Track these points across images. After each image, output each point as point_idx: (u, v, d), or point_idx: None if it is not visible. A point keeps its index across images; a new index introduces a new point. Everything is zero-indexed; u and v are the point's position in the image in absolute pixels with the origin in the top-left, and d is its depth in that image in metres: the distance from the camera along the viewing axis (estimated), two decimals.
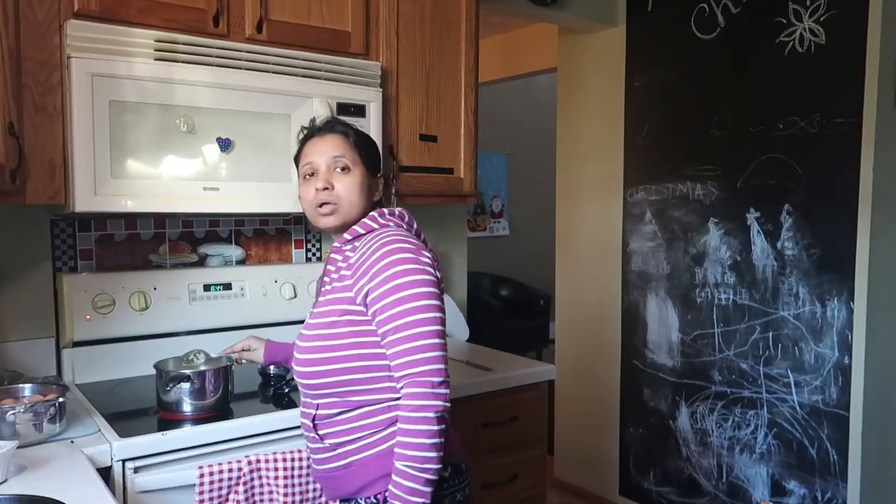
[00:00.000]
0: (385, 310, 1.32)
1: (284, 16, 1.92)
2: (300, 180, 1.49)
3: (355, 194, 1.44)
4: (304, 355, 1.41)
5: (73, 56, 1.58)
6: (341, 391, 1.38)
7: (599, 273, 3.40)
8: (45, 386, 1.61)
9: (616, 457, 3.37)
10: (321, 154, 1.45)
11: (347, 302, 1.38)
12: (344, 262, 1.43)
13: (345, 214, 1.44)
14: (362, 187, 1.45)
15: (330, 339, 1.38)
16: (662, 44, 3.06)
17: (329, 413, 1.40)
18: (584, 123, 3.46)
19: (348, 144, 1.46)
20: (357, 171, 1.45)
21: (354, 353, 1.36)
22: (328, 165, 1.44)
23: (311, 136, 1.49)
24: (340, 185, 1.43)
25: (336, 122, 1.52)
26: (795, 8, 2.58)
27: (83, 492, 1.27)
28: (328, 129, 1.49)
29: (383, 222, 1.44)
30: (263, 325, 2.13)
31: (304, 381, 1.42)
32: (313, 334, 1.41)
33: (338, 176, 1.44)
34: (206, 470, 1.53)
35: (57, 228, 1.94)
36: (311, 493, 1.64)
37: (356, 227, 1.44)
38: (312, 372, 1.39)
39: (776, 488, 2.74)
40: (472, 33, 2.28)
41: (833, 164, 2.50)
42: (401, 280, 1.32)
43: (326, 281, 1.48)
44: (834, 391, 2.54)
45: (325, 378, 1.38)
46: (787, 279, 2.65)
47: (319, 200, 1.43)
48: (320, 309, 1.43)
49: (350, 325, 1.37)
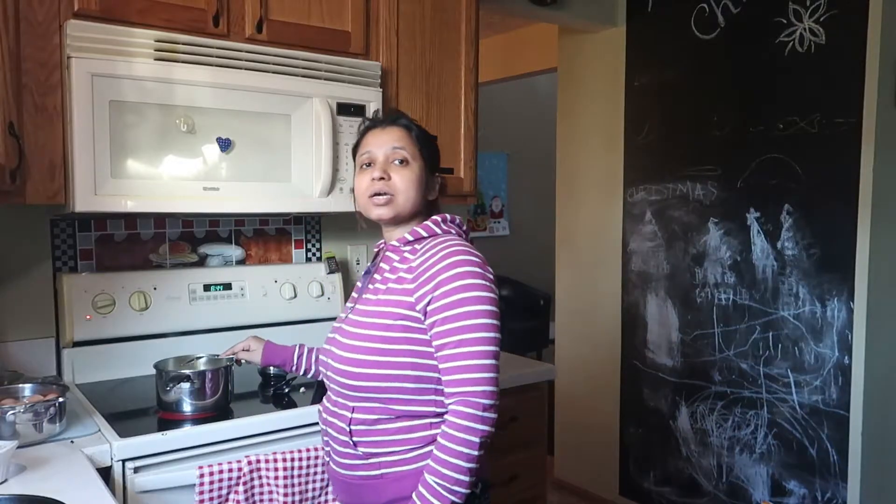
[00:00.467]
0: (445, 322, 1.28)
1: (284, 16, 1.92)
2: (356, 171, 1.46)
3: (412, 188, 1.41)
4: (348, 354, 1.35)
5: (73, 56, 1.58)
6: (385, 398, 1.33)
7: (599, 273, 3.40)
8: (45, 386, 1.61)
9: (616, 457, 3.37)
10: (381, 145, 1.42)
11: (406, 307, 1.33)
12: (402, 263, 1.39)
13: (399, 207, 1.40)
14: (419, 182, 1.42)
15: (382, 342, 1.32)
16: (662, 44, 3.06)
17: (366, 419, 1.35)
18: (584, 123, 3.46)
19: (409, 138, 1.43)
20: (416, 166, 1.42)
21: (406, 361, 1.31)
22: (387, 156, 1.41)
23: (373, 128, 1.46)
24: (397, 177, 1.40)
25: (400, 115, 1.49)
26: (795, 8, 2.58)
27: (83, 492, 1.27)
28: (391, 122, 1.46)
29: (445, 229, 1.41)
30: (263, 325, 2.13)
31: (344, 381, 1.36)
32: (362, 333, 1.35)
33: (395, 168, 1.41)
34: (206, 470, 1.52)
35: (57, 228, 1.94)
36: (310, 492, 1.64)
37: (418, 229, 1.40)
38: (356, 373, 1.34)
39: (776, 488, 2.74)
40: (472, 33, 2.28)
41: (833, 164, 2.50)
42: (466, 295, 1.28)
43: (377, 279, 1.43)
44: (834, 391, 2.54)
45: (371, 381, 1.32)
46: (787, 279, 2.65)
47: (374, 190, 1.40)
48: (370, 308, 1.38)
49: (405, 331, 1.32)
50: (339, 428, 1.39)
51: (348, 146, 1.96)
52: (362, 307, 1.41)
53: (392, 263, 1.41)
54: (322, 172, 1.90)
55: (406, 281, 1.34)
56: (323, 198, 1.93)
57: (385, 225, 1.46)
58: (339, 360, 1.37)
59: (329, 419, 1.43)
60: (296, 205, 1.93)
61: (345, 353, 1.36)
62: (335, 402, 1.41)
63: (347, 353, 1.36)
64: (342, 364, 1.36)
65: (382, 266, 1.44)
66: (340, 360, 1.37)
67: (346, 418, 1.37)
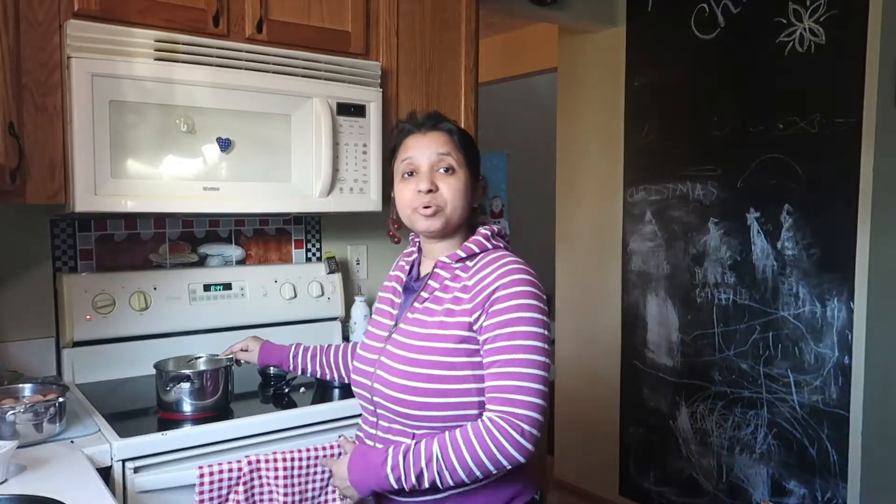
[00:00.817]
0: (498, 340, 1.23)
1: (284, 16, 1.92)
2: (396, 179, 1.38)
3: (459, 198, 1.33)
4: (409, 382, 1.27)
5: (73, 56, 1.58)
6: (450, 425, 1.25)
7: (599, 273, 3.40)
8: (45, 386, 1.61)
9: (616, 457, 3.37)
10: (424, 152, 1.34)
11: (465, 328, 1.26)
12: (455, 281, 1.32)
13: (447, 218, 1.33)
14: (466, 191, 1.34)
15: (447, 369, 1.25)
16: (662, 44, 3.06)
17: None
18: (584, 124, 3.46)
19: (454, 143, 1.36)
20: (462, 173, 1.35)
21: (472, 388, 1.25)
22: (431, 164, 1.33)
23: (413, 132, 1.38)
24: (445, 187, 1.32)
25: (440, 118, 1.40)
26: (795, 8, 2.58)
27: (83, 492, 1.27)
28: (432, 126, 1.37)
29: (495, 243, 1.35)
30: (263, 325, 2.13)
31: (405, 410, 1.27)
32: (421, 359, 1.27)
33: (442, 177, 1.33)
34: (206, 470, 1.52)
35: (57, 228, 1.94)
36: (310, 492, 1.64)
37: (471, 245, 1.34)
38: (420, 402, 1.25)
39: (776, 488, 2.73)
40: (472, 33, 2.28)
41: (833, 164, 2.50)
42: (521, 314, 1.23)
43: (425, 297, 1.35)
44: (834, 391, 2.54)
45: (437, 411, 1.25)
46: (787, 279, 2.65)
47: (422, 202, 1.32)
48: (425, 330, 1.30)
49: (468, 356, 1.26)
50: None
51: (348, 146, 1.96)
52: (410, 328, 1.33)
53: (443, 281, 1.34)
54: (322, 172, 1.90)
55: (463, 301, 1.28)
56: (323, 198, 1.93)
57: (429, 237, 1.39)
58: (396, 388, 1.28)
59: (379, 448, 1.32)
60: (296, 205, 1.92)
61: (404, 380, 1.28)
62: (388, 430, 1.33)
63: (406, 381, 1.27)
64: (400, 392, 1.28)
65: (431, 284, 1.35)
66: (397, 388, 1.28)
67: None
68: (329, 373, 1.70)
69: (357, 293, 2.32)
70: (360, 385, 1.39)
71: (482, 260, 1.31)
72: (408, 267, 1.46)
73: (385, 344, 1.36)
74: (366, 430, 1.40)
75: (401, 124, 1.42)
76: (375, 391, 1.33)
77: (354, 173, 1.98)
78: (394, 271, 1.50)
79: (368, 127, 1.99)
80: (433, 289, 1.34)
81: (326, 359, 1.70)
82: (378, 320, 1.45)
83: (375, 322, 1.46)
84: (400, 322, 1.37)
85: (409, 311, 1.36)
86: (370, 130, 2.00)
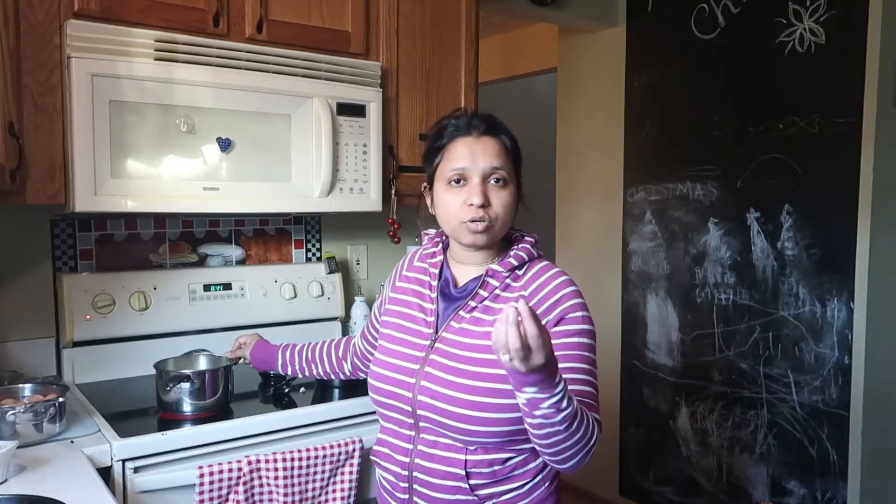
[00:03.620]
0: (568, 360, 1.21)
1: (284, 16, 1.92)
2: (439, 183, 1.30)
3: (509, 213, 1.28)
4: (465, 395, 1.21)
5: (73, 56, 1.58)
6: (506, 440, 1.23)
7: (599, 273, 3.40)
8: (45, 386, 1.61)
9: (616, 457, 3.37)
10: (477, 161, 1.26)
11: None
12: (506, 290, 1.28)
13: (496, 234, 1.28)
14: (514, 205, 1.29)
15: (505, 382, 1.15)
16: (662, 44, 3.06)
17: (483, 460, 1.24)
18: (584, 123, 3.46)
19: (507, 154, 1.28)
20: (512, 187, 1.29)
21: None
22: (484, 175, 1.26)
23: (465, 135, 1.29)
24: (497, 202, 1.26)
25: (495, 122, 1.31)
26: (795, 8, 2.58)
27: (83, 492, 1.27)
28: (488, 131, 1.29)
29: (539, 252, 1.33)
30: (263, 325, 2.13)
31: (461, 426, 1.22)
32: (477, 372, 1.22)
33: (494, 190, 1.26)
34: (206, 470, 1.52)
35: (57, 228, 1.94)
36: (310, 492, 1.64)
37: (521, 253, 1.30)
38: (478, 417, 1.20)
39: (776, 488, 2.73)
40: (472, 33, 2.28)
41: (833, 164, 2.50)
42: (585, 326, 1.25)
43: (473, 305, 1.29)
44: (834, 391, 2.54)
45: (495, 426, 1.20)
46: (787, 279, 2.65)
47: (472, 216, 1.25)
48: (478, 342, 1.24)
49: None
50: (447, 474, 1.25)
51: (348, 146, 1.96)
52: (459, 338, 1.27)
53: (493, 290, 1.29)
54: (322, 172, 1.90)
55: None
56: (323, 198, 1.93)
57: (468, 248, 1.32)
58: (449, 402, 1.22)
59: (424, 464, 1.28)
60: (296, 205, 1.92)
61: (457, 393, 1.22)
62: (433, 444, 1.27)
63: (461, 395, 1.21)
64: (454, 406, 1.22)
65: (481, 292, 1.29)
66: (450, 401, 1.22)
67: (459, 462, 1.24)
68: (315, 368, 1.68)
69: (357, 293, 2.32)
70: (395, 397, 1.31)
71: (532, 269, 1.30)
72: (435, 271, 1.37)
73: (428, 353, 1.29)
74: (396, 444, 1.33)
75: (449, 122, 1.32)
76: (421, 404, 1.26)
77: (354, 173, 1.98)
78: (412, 272, 1.42)
79: (368, 127, 1.99)
80: (482, 297, 1.29)
81: (312, 353, 1.69)
82: (407, 326, 1.36)
83: (402, 327, 1.37)
84: (443, 331, 1.30)
85: (455, 321, 1.29)
86: (370, 130, 2.00)
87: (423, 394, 1.26)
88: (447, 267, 1.38)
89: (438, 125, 1.35)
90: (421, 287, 1.38)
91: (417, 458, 1.29)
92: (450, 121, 1.32)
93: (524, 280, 1.28)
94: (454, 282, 1.35)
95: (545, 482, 1.30)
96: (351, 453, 1.68)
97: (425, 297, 1.36)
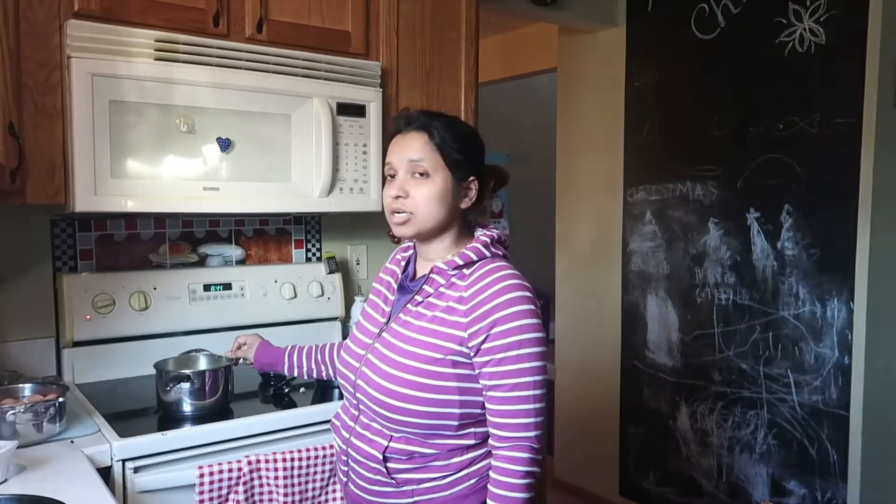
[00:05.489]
0: (502, 364, 1.23)
1: (284, 16, 1.92)
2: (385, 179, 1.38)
3: (433, 203, 1.30)
4: (389, 385, 1.27)
5: (73, 56, 1.58)
6: (427, 433, 1.28)
7: (599, 273, 3.40)
8: (45, 386, 1.61)
9: (616, 457, 3.37)
10: (400, 156, 1.32)
11: (456, 342, 1.25)
12: (451, 289, 1.30)
13: (420, 225, 1.31)
14: (442, 196, 1.30)
15: (429, 377, 1.25)
16: (662, 44, 3.06)
17: (403, 449, 1.29)
18: (584, 123, 3.46)
19: (430, 146, 1.31)
20: (438, 178, 1.30)
21: (453, 399, 1.26)
22: (406, 169, 1.31)
23: (396, 133, 1.36)
24: (417, 194, 1.30)
25: (422, 117, 1.35)
26: (795, 8, 2.58)
27: (83, 492, 1.27)
28: (418, 127, 1.33)
29: (494, 251, 1.33)
30: (263, 325, 2.13)
31: (382, 412, 1.28)
32: (405, 364, 1.27)
33: (414, 183, 1.30)
34: (206, 470, 1.52)
35: (57, 228, 1.94)
36: (310, 492, 1.64)
37: (469, 252, 1.31)
38: (398, 407, 1.26)
39: (776, 488, 2.73)
40: (472, 33, 2.28)
41: (833, 164, 2.50)
42: (523, 337, 1.23)
43: (418, 300, 1.33)
44: (834, 391, 2.54)
45: (413, 417, 1.26)
46: (787, 279, 2.65)
47: (392, 207, 1.32)
48: (413, 335, 1.30)
49: (454, 367, 1.26)
50: (369, 455, 1.32)
51: (348, 146, 1.96)
52: (401, 329, 1.32)
53: (438, 287, 1.32)
54: (322, 172, 1.90)
55: (457, 312, 1.27)
56: (323, 198, 1.93)
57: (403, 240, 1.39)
58: (378, 389, 1.29)
59: (356, 443, 1.35)
60: (296, 205, 1.93)
61: (385, 382, 1.28)
62: (366, 426, 1.33)
63: (389, 384, 1.28)
64: (381, 394, 1.28)
65: (426, 288, 1.33)
66: (379, 389, 1.29)
67: (380, 446, 1.30)
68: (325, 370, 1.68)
69: (357, 293, 2.32)
70: (344, 377, 1.40)
71: (479, 270, 1.29)
72: (403, 263, 1.44)
73: (374, 341, 1.36)
74: (344, 420, 1.41)
75: (393, 120, 1.39)
76: (359, 387, 1.34)
77: (354, 173, 1.98)
78: (389, 264, 1.49)
79: (368, 127, 1.99)
80: (427, 293, 1.32)
81: (321, 356, 1.68)
82: (370, 314, 1.44)
83: (367, 315, 1.44)
84: (391, 321, 1.36)
85: (402, 312, 1.34)
86: (370, 130, 2.00)
87: (361, 378, 1.33)
88: (414, 262, 1.43)
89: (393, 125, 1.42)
90: (391, 279, 1.45)
91: (353, 437, 1.36)
92: (393, 121, 1.40)
93: (469, 280, 1.29)
94: (413, 275, 1.41)
95: (471, 478, 1.31)
96: None
97: (391, 288, 1.43)
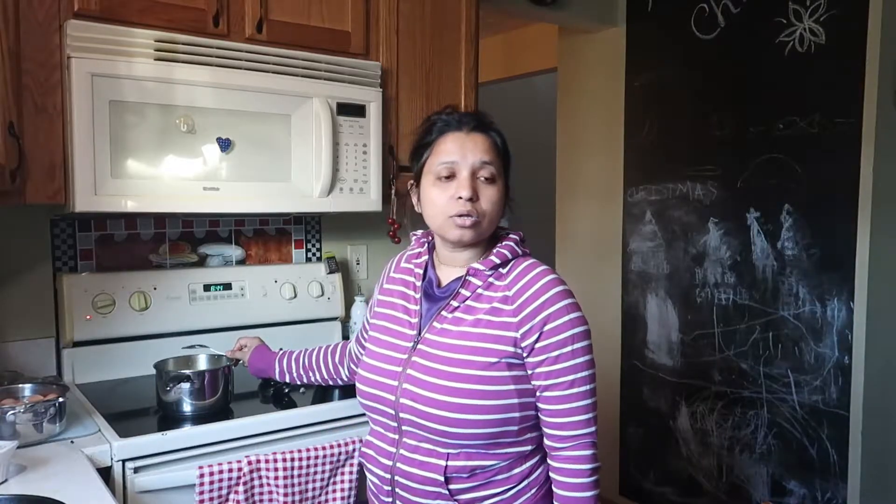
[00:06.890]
0: (558, 362, 1.19)
1: (284, 16, 1.92)
2: (427, 178, 1.28)
3: (497, 210, 1.26)
4: (445, 397, 1.18)
5: (73, 56, 1.58)
6: (490, 443, 1.20)
7: (599, 273, 3.40)
8: (45, 386, 1.61)
9: (616, 457, 3.37)
10: (467, 156, 1.24)
11: (509, 342, 1.20)
12: (491, 290, 1.25)
13: (483, 231, 1.26)
14: (503, 202, 1.27)
15: (487, 384, 1.17)
16: (662, 44, 3.06)
17: (465, 465, 1.21)
18: (584, 123, 3.46)
19: (497, 150, 1.27)
20: (501, 184, 1.27)
21: (514, 403, 1.19)
22: (473, 171, 1.24)
23: (456, 130, 1.27)
24: (485, 198, 1.24)
25: (486, 119, 1.30)
26: (795, 8, 2.58)
27: (83, 492, 1.27)
28: (478, 127, 1.27)
29: (524, 249, 1.30)
30: (263, 325, 2.13)
31: (440, 428, 1.19)
32: (458, 373, 1.19)
33: (483, 185, 1.24)
34: (206, 470, 1.52)
35: (57, 228, 1.94)
36: (310, 492, 1.64)
37: (504, 251, 1.27)
38: (459, 419, 1.17)
39: (776, 488, 2.73)
40: (472, 33, 2.27)
41: (833, 164, 2.50)
42: (575, 331, 1.20)
43: (455, 305, 1.26)
44: (834, 391, 2.54)
45: (476, 428, 1.18)
46: (787, 279, 2.65)
47: (460, 210, 1.22)
48: (459, 342, 1.22)
49: (510, 370, 1.20)
50: (426, 479, 1.23)
51: (348, 146, 1.96)
52: (440, 339, 1.25)
53: (475, 289, 1.26)
54: (322, 172, 1.90)
55: (504, 313, 1.22)
56: (323, 198, 1.93)
57: (455, 246, 1.30)
58: (431, 404, 1.20)
59: (404, 468, 1.25)
60: (296, 205, 1.92)
61: (438, 395, 1.19)
62: (415, 449, 1.25)
63: (443, 397, 1.19)
64: (436, 408, 1.19)
65: (463, 292, 1.27)
66: (432, 403, 1.20)
67: (439, 468, 1.22)
68: (312, 375, 1.69)
69: (357, 293, 2.32)
70: (377, 400, 1.30)
71: (517, 268, 1.26)
72: (420, 271, 1.36)
73: (409, 355, 1.28)
74: (380, 447, 1.32)
75: (439, 118, 1.31)
76: (402, 406, 1.24)
77: (354, 173, 1.98)
78: (398, 273, 1.42)
79: (368, 127, 1.99)
80: (464, 297, 1.27)
81: (308, 360, 1.69)
82: (391, 328, 1.35)
83: (387, 330, 1.36)
84: (425, 332, 1.28)
85: (437, 321, 1.28)
86: (370, 130, 2.00)
87: (405, 396, 1.25)
88: (432, 268, 1.36)
89: (427, 122, 1.34)
90: (406, 288, 1.37)
91: (399, 463, 1.28)
92: (440, 117, 1.31)
93: (508, 279, 1.25)
94: (437, 282, 1.34)
95: (532, 488, 1.27)
96: (351, 453, 1.68)
97: (410, 298, 1.35)
